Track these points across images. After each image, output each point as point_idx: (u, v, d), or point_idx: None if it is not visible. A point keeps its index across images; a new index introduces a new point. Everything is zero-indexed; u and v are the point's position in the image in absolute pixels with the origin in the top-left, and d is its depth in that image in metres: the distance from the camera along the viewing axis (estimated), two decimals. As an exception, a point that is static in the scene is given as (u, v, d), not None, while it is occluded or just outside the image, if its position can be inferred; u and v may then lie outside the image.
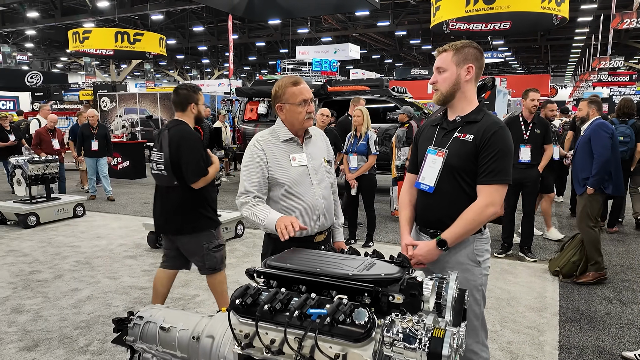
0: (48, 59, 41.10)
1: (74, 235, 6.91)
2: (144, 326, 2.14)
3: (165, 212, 3.54)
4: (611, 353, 3.50)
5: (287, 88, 2.47)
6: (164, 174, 3.48)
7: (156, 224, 3.68)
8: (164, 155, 3.44)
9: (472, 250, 2.28)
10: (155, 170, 3.55)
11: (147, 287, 4.82)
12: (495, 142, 2.17)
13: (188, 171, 3.40)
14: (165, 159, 3.44)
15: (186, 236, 3.52)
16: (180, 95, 3.57)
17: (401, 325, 1.47)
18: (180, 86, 3.66)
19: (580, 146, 5.12)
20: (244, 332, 1.64)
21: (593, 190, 4.84)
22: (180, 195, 3.46)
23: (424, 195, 2.36)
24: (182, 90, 3.58)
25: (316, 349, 1.51)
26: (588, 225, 4.91)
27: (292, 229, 2.15)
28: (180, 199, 3.47)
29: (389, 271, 1.71)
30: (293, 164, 2.48)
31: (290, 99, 2.46)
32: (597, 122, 5.01)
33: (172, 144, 3.42)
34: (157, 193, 3.63)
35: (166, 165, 3.44)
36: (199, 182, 3.43)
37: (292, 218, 2.24)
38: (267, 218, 2.35)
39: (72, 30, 20.65)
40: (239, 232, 6.75)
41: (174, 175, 3.44)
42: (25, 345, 3.59)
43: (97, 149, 9.10)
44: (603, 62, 24.77)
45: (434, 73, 2.32)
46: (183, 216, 3.47)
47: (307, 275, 1.69)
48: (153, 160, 3.55)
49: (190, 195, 3.47)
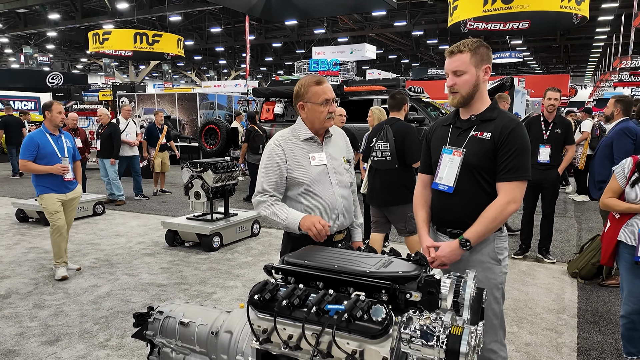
0: (68, 60, 41.84)
1: (94, 233, 7.02)
2: (163, 321, 2.17)
3: (385, 189, 4.59)
4: (631, 356, 3.45)
5: (310, 87, 2.45)
6: (387, 159, 4.51)
7: (372, 197, 4.78)
8: (390, 145, 4.48)
9: (493, 249, 2.28)
10: (378, 157, 4.59)
11: (165, 284, 4.88)
12: (513, 139, 2.17)
13: (413, 155, 4.47)
14: (391, 147, 4.48)
15: (397, 206, 4.59)
16: (396, 99, 4.74)
17: (419, 322, 1.47)
18: (396, 92, 4.81)
19: (601, 148, 5.02)
20: (262, 328, 1.66)
21: None
22: (398, 175, 4.53)
23: (441, 195, 2.36)
24: (398, 95, 4.75)
25: (333, 345, 1.52)
26: None
27: (324, 232, 2.28)
28: (398, 178, 4.53)
29: (407, 269, 1.71)
30: (312, 163, 2.48)
31: (313, 98, 2.45)
32: (621, 126, 4.84)
33: (398, 136, 4.50)
34: (377, 175, 4.66)
35: (391, 152, 4.48)
36: (417, 162, 4.24)
37: (316, 217, 2.29)
38: (288, 217, 2.38)
39: (92, 32, 20.95)
40: (255, 231, 6.79)
41: (397, 160, 4.48)
42: (47, 340, 3.67)
43: (100, 149, 9.07)
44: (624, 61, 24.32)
45: (450, 75, 2.28)
46: (398, 191, 4.53)
47: (325, 272, 1.71)
48: (378, 149, 4.56)
49: (405, 175, 4.54)
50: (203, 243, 6.05)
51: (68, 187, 5.13)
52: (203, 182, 6.12)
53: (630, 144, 4.72)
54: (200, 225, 6.07)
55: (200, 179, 6.13)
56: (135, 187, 9.90)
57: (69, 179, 5.08)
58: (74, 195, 5.24)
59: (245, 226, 6.59)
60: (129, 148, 9.52)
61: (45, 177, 4.95)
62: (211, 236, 6.00)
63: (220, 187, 6.27)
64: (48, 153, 4.94)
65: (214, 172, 6.08)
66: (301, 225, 2.32)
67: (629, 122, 4.92)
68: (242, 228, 6.53)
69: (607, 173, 4.79)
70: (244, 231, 6.58)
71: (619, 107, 5.00)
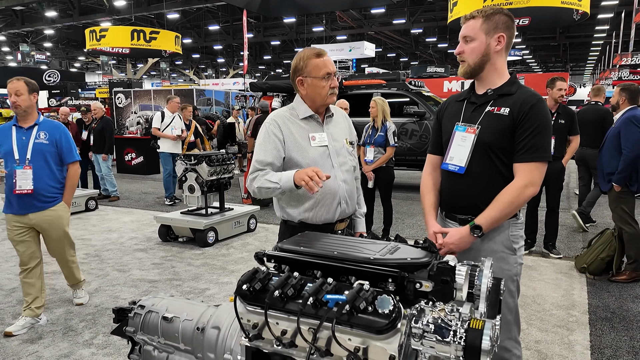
0: (66, 58, 41.53)
1: (85, 229, 6.81)
2: (145, 316, 1.97)
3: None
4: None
5: (309, 60, 2.23)
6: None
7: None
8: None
9: (508, 237, 2.07)
10: None
11: (157, 279, 4.68)
12: (534, 115, 1.95)
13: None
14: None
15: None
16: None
17: (432, 314, 1.27)
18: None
19: (609, 139, 4.83)
20: (252, 322, 1.46)
21: (620, 187, 4.57)
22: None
23: (452, 177, 2.14)
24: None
25: (333, 341, 1.33)
26: (627, 222, 4.61)
27: (319, 179, 1.97)
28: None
29: (416, 255, 1.51)
30: (312, 143, 2.27)
31: (313, 71, 2.23)
32: (628, 114, 4.67)
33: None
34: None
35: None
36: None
37: (310, 168, 2.04)
38: (282, 179, 2.14)
39: (89, 29, 20.73)
40: (252, 226, 6.58)
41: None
42: (29, 338, 3.46)
43: (93, 144, 8.69)
44: (625, 58, 24.16)
45: (460, 42, 2.09)
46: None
47: (323, 259, 1.51)
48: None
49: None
50: (197, 238, 5.84)
51: (28, 206, 3.55)
52: (197, 175, 5.91)
53: (638, 133, 4.54)
54: (195, 220, 5.86)
55: (195, 172, 5.91)
56: (167, 188, 8.51)
57: (22, 192, 3.49)
58: (43, 220, 3.61)
59: (241, 221, 6.39)
60: (172, 144, 8.38)
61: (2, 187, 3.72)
62: (205, 231, 5.79)
63: (215, 181, 6.06)
64: (5, 152, 3.57)
65: (208, 165, 5.87)
66: (295, 179, 2.07)
67: (636, 110, 4.74)
68: (238, 223, 6.33)
69: (615, 165, 4.61)
70: (240, 226, 6.37)
71: (624, 96, 4.82)
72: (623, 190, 4.59)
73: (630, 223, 4.61)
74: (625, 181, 4.54)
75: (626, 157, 4.48)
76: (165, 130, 8.31)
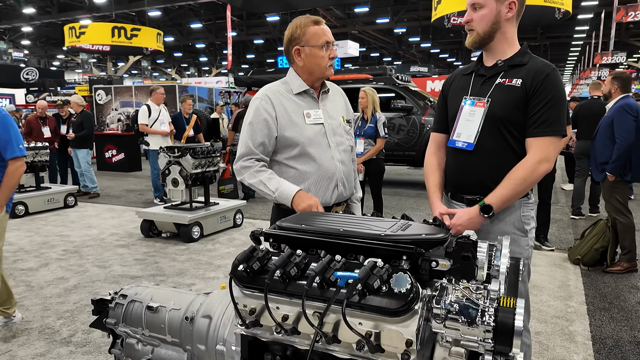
0: (45, 56, 40.64)
1: (64, 225, 6.54)
2: (127, 306, 1.79)
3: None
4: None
5: (307, 27, 2.06)
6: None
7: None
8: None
9: (519, 217, 1.94)
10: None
11: (139, 275, 4.47)
12: (548, 86, 1.82)
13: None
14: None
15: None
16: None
17: (456, 293, 1.13)
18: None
19: (602, 128, 4.78)
20: (250, 307, 1.30)
21: (613, 177, 4.51)
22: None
23: (459, 154, 2.00)
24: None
25: (341, 326, 1.17)
26: (621, 212, 4.55)
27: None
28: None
29: (430, 232, 1.37)
30: (307, 121, 2.10)
31: (312, 40, 2.06)
32: (621, 103, 4.63)
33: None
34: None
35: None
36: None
37: (314, 200, 1.99)
38: (279, 190, 2.03)
39: (68, 25, 20.27)
40: (238, 221, 6.39)
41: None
42: (2, 337, 3.24)
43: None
44: (605, 57, 24.47)
45: (468, 10, 1.95)
46: None
47: (329, 237, 1.35)
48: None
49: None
50: (181, 233, 5.63)
51: None
52: (181, 169, 5.70)
53: (632, 121, 4.49)
54: (179, 215, 5.64)
55: (179, 164, 5.70)
56: (157, 187, 7.88)
57: None
58: None
59: (227, 216, 6.19)
60: (162, 139, 7.68)
61: None
62: (190, 226, 5.58)
63: (200, 174, 5.85)
64: None
65: (193, 158, 5.67)
66: (294, 204, 1.98)
67: (628, 98, 4.70)
68: (223, 218, 6.13)
69: (609, 154, 4.54)
70: (225, 221, 6.17)
71: (616, 85, 4.78)
72: (617, 180, 4.53)
73: (625, 213, 4.55)
74: (619, 170, 4.48)
75: (620, 146, 4.42)
76: (153, 125, 7.67)
